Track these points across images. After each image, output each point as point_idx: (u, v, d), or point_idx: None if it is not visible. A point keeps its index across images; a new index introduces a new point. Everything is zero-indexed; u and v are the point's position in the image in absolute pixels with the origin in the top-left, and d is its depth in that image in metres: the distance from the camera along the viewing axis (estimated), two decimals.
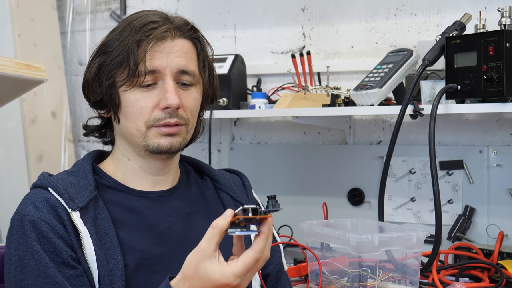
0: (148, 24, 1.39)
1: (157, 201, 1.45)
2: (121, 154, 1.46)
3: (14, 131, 2.89)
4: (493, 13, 2.13)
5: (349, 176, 2.41)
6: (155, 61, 1.38)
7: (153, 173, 1.46)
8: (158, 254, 1.39)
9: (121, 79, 1.39)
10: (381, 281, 1.72)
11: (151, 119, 1.39)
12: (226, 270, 1.16)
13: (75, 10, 3.19)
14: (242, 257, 1.17)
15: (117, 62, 1.38)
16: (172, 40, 1.40)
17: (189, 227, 1.46)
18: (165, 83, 1.39)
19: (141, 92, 1.39)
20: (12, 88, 1.77)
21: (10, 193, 2.86)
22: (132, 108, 1.39)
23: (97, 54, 1.43)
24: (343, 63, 2.48)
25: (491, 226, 2.14)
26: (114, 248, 1.34)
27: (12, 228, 1.35)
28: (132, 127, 1.40)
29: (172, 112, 1.39)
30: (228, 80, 2.46)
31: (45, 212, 1.33)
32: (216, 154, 2.76)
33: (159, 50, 1.39)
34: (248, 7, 2.71)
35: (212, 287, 1.17)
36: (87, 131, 1.52)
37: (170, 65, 1.39)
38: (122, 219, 1.40)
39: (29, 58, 2.82)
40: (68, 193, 1.35)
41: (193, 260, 1.18)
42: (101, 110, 1.46)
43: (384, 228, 1.87)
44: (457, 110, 1.93)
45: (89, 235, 1.32)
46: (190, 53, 1.43)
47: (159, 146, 1.40)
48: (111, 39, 1.42)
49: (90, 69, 1.43)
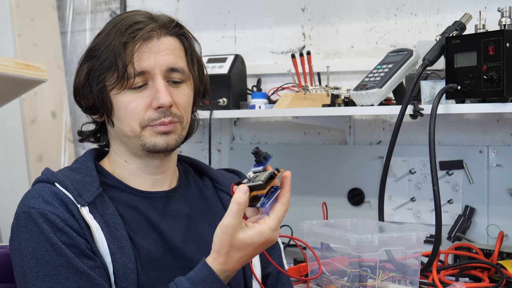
0: (133, 25, 1.39)
1: (159, 202, 1.45)
2: (118, 156, 1.46)
3: (14, 131, 2.89)
4: (493, 13, 2.13)
5: (349, 176, 2.41)
6: (143, 61, 1.38)
7: (151, 173, 1.46)
8: (161, 252, 1.40)
9: (111, 83, 1.39)
10: (381, 281, 1.72)
11: (146, 119, 1.39)
12: (263, 229, 1.25)
13: (75, 10, 3.19)
14: (274, 212, 1.27)
15: (105, 66, 1.38)
16: (158, 39, 1.40)
17: (190, 227, 1.46)
18: (156, 83, 1.39)
19: (132, 93, 1.39)
20: (12, 88, 1.77)
21: (10, 193, 2.86)
22: (125, 111, 1.39)
23: (85, 59, 1.43)
24: (343, 63, 2.48)
25: (491, 226, 2.14)
26: (125, 242, 1.34)
27: (19, 221, 1.33)
28: (126, 129, 1.40)
29: (165, 111, 1.39)
30: (228, 80, 2.46)
31: (56, 206, 1.32)
32: (216, 154, 2.76)
33: (146, 51, 1.38)
34: (248, 7, 2.71)
35: (254, 250, 1.25)
36: (82, 137, 1.52)
37: (158, 64, 1.39)
38: (126, 217, 1.40)
39: (29, 58, 2.82)
40: (76, 189, 1.35)
41: (225, 238, 1.23)
42: (94, 115, 1.46)
43: (384, 228, 1.87)
44: (457, 110, 1.93)
45: (100, 229, 1.32)
46: (178, 50, 1.43)
47: (156, 145, 1.40)
48: (97, 43, 1.42)
49: (80, 75, 1.42)
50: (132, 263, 1.33)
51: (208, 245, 1.46)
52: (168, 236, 1.42)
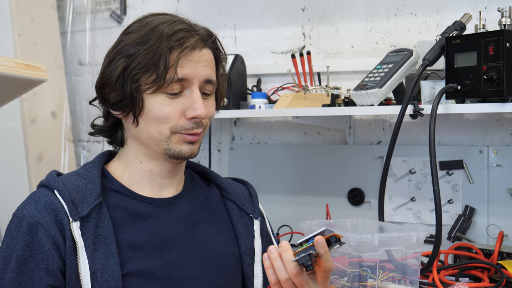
0: (179, 32, 1.40)
1: (162, 208, 1.45)
2: (133, 156, 1.46)
3: (14, 131, 2.89)
4: (493, 13, 2.13)
5: (349, 176, 2.41)
6: (185, 69, 1.39)
7: (163, 176, 1.46)
8: (160, 261, 1.39)
9: (147, 83, 1.39)
10: (381, 281, 1.72)
11: (178, 127, 1.40)
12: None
13: (75, 10, 3.19)
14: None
15: (144, 66, 1.38)
16: (200, 50, 1.42)
17: (193, 234, 1.46)
18: (193, 93, 1.41)
19: (167, 98, 1.40)
20: (12, 88, 1.77)
21: (10, 193, 2.86)
22: (158, 113, 1.40)
23: (118, 55, 1.41)
24: (343, 63, 2.48)
25: (491, 226, 2.14)
26: (112, 258, 1.34)
27: (11, 224, 1.37)
28: (154, 131, 1.41)
29: (198, 122, 1.41)
30: (228, 80, 2.46)
31: (44, 215, 1.33)
32: (216, 154, 2.76)
33: (189, 59, 1.40)
34: (248, 7, 2.71)
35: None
36: (95, 130, 1.51)
37: (198, 74, 1.41)
38: (125, 224, 1.40)
39: (29, 58, 2.82)
40: (72, 199, 1.35)
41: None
42: (117, 111, 1.45)
43: (384, 228, 1.87)
44: (457, 110, 1.93)
45: (84, 248, 1.33)
46: (213, 63, 1.46)
47: (181, 152, 1.42)
48: (132, 42, 1.41)
49: (112, 70, 1.41)
50: (116, 281, 1.33)
51: (210, 254, 1.46)
52: (169, 244, 1.42)
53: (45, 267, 1.31)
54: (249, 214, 1.56)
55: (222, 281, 1.46)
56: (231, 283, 1.49)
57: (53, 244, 1.32)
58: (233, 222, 1.54)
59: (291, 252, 1.24)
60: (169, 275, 1.39)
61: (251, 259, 1.52)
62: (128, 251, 1.37)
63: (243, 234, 1.53)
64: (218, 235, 1.51)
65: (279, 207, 2.50)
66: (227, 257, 1.49)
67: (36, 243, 1.32)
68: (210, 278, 1.44)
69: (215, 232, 1.51)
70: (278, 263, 1.24)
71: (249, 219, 1.56)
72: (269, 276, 1.26)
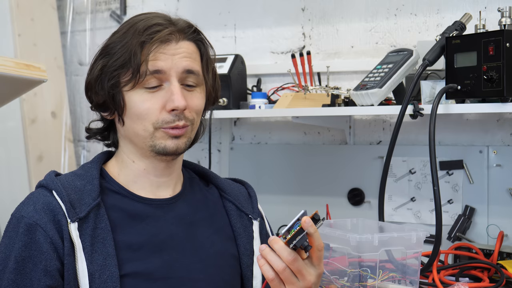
0: (152, 27, 1.39)
1: (160, 208, 1.45)
2: (126, 156, 1.46)
3: (14, 131, 2.89)
4: (493, 13, 2.13)
5: (349, 176, 2.41)
6: (159, 62, 1.38)
7: (157, 175, 1.46)
8: (158, 262, 1.39)
9: (124, 80, 1.38)
10: (381, 281, 1.72)
11: (159, 121, 1.39)
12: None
13: (75, 10, 3.19)
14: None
15: (119, 63, 1.38)
16: (176, 42, 1.41)
17: (192, 235, 1.46)
18: (171, 85, 1.39)
19: (146, 93, 1.39)
20: (12, 88, 1.77)
21: (10, 193, 2.86)
22: (138, 109, 1.39)
23: (99, 56, 1.43)
24: (343, 63, 2.48)
25: (491, 226, 2.14)
26: (110, 259, 1.34)
27: (9, 225, 1.37)
28: (139, 128, 1.40)
29: (179, 114, 1.39)
30: (228, 80, 2.46)
31: (42, 216, 1.33)
32: (216, 154, 2.76)
33: (164, 52, 1.39)
34: (248, 7, 2.71)
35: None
36: (90, 134, 1.52)
37: (175, 66, 1.39)
38: (123, 225, 1.39)
39: (29, 58, 2.82)
40: (71, 200, 1.35)
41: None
42: (104, 112, 1.45)
43: (384, 228, 1.87)
44: (457, 110, 1.93)
45: (82, 249, 1.33)
46: (195, 54, 1.44)
47: (165, 148, 1.40)
48: (113, 41, 1.42)
49: (93, 70, 1.42)
50: (114, 282, 1.32)
51: (208, 255, 1.46)
52: (167, 245, 1.41)
53: (43, 268, 1.31)
54: (248, 214, 1.56)
55: (220, 282, 1.46)
56: (230, 284, 1.49)
57: (51, 245, 1.32)
58: (232, 223, 1.54)
59: (281, 242, 1.25)
60: (167, 276, 1.38)
61: (250, 260, 1.52)
62: (126, 252, 1.37)
63: (242, 235, 1.53)
64: (217, 236, 1.51)
65: (279, 207, 2.50)
66: (225, 258, 1.49)
67: (35, 244, 1.31)
68: (209, 279, 1.44)
69: (214, 233, 1.50)
70: (272, 256, 1.25)
71: (248, 219, 1.56)
72: (265, 273, 1.26)
